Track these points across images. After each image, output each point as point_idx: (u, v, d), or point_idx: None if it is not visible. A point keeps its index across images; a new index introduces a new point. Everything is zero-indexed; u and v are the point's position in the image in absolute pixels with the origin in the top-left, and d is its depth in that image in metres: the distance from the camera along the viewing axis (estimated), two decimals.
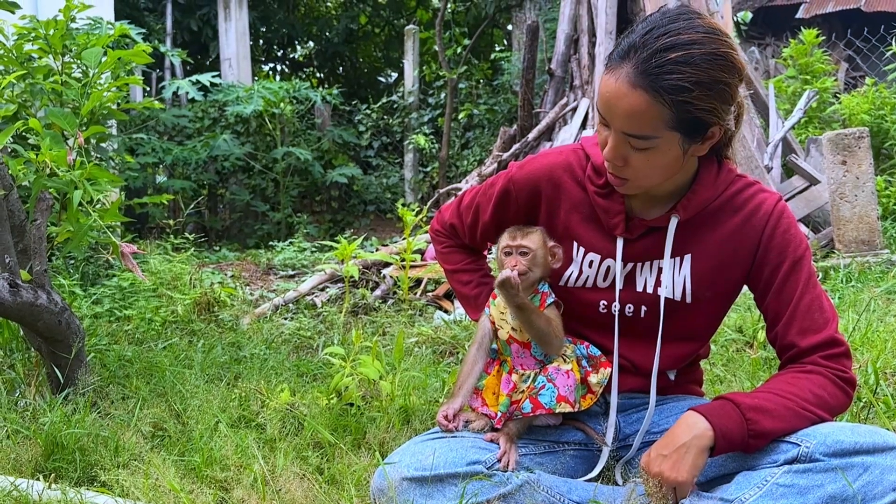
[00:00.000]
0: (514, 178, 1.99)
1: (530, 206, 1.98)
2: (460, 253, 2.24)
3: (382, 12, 17.31)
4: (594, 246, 1.92)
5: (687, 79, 1.55)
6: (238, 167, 9.73)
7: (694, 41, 1.56)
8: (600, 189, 1.88)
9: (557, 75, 7.43)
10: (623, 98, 1.59)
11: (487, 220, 2.07)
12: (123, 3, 11.07)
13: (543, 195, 1.95)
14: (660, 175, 1.73)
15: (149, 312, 4.03)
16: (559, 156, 1.99)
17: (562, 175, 1.94)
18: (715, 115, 1.62)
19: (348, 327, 4.31)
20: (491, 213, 2.04)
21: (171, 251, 5.18)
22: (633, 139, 1.63)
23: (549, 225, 1.95)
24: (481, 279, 2.21)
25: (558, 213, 1.95)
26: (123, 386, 3.05)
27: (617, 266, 1.90)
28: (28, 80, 4.72)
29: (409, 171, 10.70)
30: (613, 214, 1.87)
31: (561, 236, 1.94)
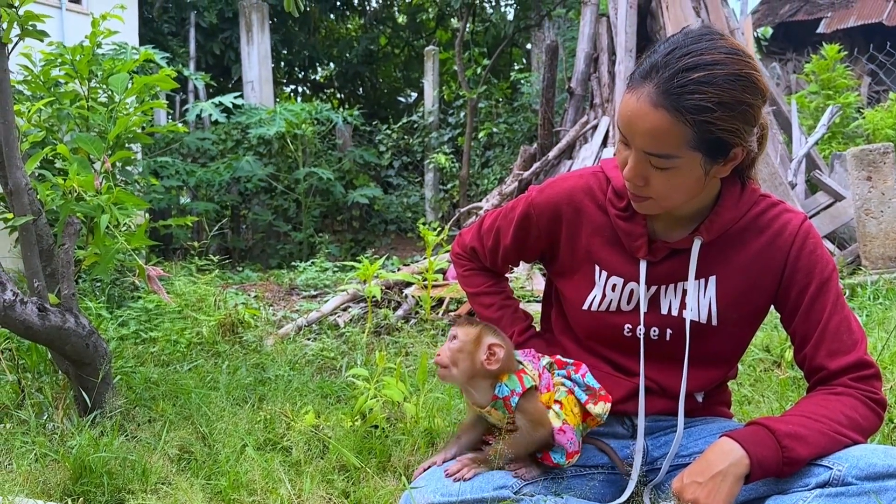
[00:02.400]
0: (534, 202, 1.99)
1: (551, 229, 1.97)
2: (482, 276, 2.23)
3: (402, 33, 17.46)
4: (617, 269, 1.91)
5: (709, 99, 1.54)
6: (260, 188, 9.82)
7: (717, 62, 1.55)
8: (622, 212, 1.87)
9: (577, 94, 7.44)
10: (644, 117, 1.58)
11: (508, 243, 2.06)
12: (147, 27, 11.26)
13: (564, 219, 1.95)
14: (681, 195, 1.71)
15: (174, 334, 4.06)
16: (579, 179, 1.98)
17: (582, 198, 1.93)
18: (737, 135, 1.61)
19: (371, 348, 4.31)
20: (512, 236, 2.04)
21: (196, 272, 5.22)
22: (655, 158, 1.63)
23: (570, 248, 1.95)
24: (503, 302, 2.20)
25: (580, 237, 1.94)
26: (149, 408, 3.07)
27: (641, 289, 1.89)
28: (55, 105, 4.82)
29: (430, 191, 10.74)
30: (636, 237, 1.86)
31: (583, 260, 1.93)
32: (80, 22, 7.09)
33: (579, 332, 2.02)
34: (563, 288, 2.02)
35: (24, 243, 2.95)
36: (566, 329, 2.08)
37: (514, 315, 2.18)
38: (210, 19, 11.86)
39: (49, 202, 3.05)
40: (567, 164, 6.91)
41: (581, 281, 1.95)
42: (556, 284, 2.07)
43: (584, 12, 7.42)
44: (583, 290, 1.93)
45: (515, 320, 2.16)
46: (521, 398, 1.73)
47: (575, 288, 1.97)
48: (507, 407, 1.73)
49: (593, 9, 7.36)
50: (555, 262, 2.02)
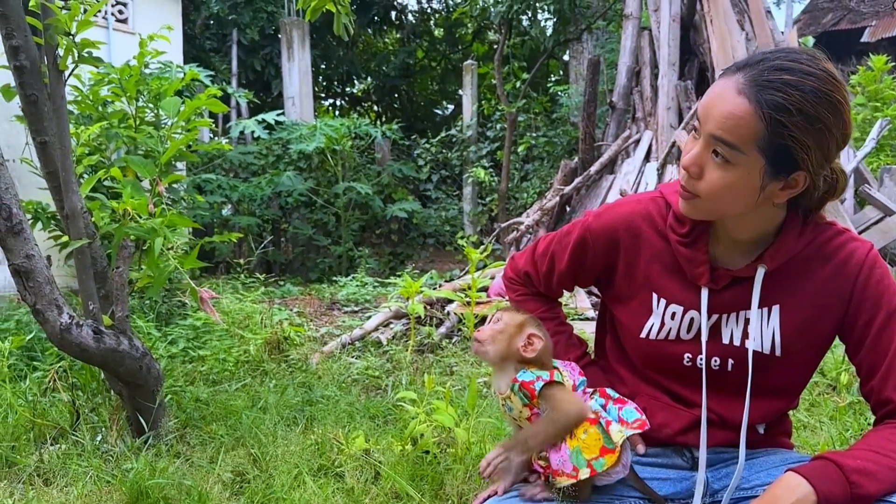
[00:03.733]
0: (590, 227, 1.97)
1: (607, 255, 1.94)
2: (535, 301, 2.20)
3: (439, 47, 17.54)
4: (676, 297, 1.87)
5: (792, 102, 1.52)
6: (300, 202, 9.91)
7: (811, 74, 1.53)
8: (683, 238, 1.84)
9: (619, 108, 7.38)
10: (725, 100, 1.57)
11: (563, 268, 2.03)
12: (190, 44, 11.46)
13: (622, 245, 1.92)
14: (730, 202, 1.67)
15: (222, 352, 4.11)
16: (638, 204, 1.95)
17: (641, 224, 1.90)
18: (806, 153, 1.57)
19: (416, 367, 4.31)
20: (567, 261, 2.01)
21: (242, 290, 5.27)
22: (720, 146, 1.59)
23: (627, 275, 1.92)
24: (557, 328, 2.17)
25: (638, 264, 1.91)
26: (200, 428, 3.10)
27: (702, 318, 1.85)
28: (103, 124, 4.92)
29: (468, 204, 10.74)
30: (697, 264, 1.82)
31: (640, 287, 1.90)
32: (126, 41, 7.25)
33: (636, 360, 1.98)
34: (620, 315, 1.99)
35: (79, 266, 3.01)
36: (622, 357, 2.05)
37: (569, 341, 2.15)
38: (252, 36, 12.03)
39: (103, 225, 3.11)
40: (609, 179, 6.85)
41: (638, 308, 1.92)
42: (612, 311, 2.04)
43: (626, 26, 7.37)
44: (640, 318, 1.90)
45: (570, 346, 2.13)
46: (546, 385, 1.68)
47: (632, 315, 1.94)
48: (529, 392, 1.66)
49: (635, 22, 7.31)
50: (611, 287, 1.99)
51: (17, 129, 5.74)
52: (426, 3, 17.81)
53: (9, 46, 2.84)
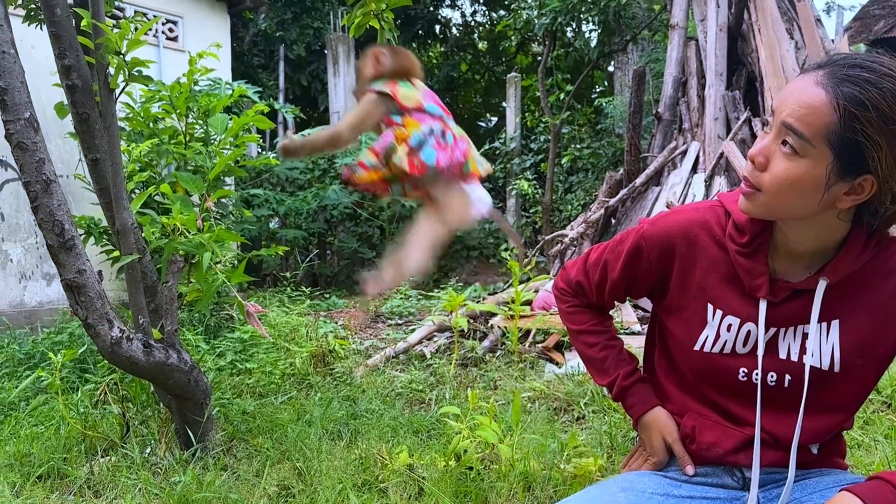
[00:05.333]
0: (645, 235, 1.92)
1: (662, 263, 1.90)
2: (586, 313, 2.16)
3: (482, 59, 17.58)
4: (733, 308, 1.82)
5: (868, 97, 1.49)
6: (346, 215, 9.99)
7: (890, 76, 1.51)
8: (742, 248, 1.79)
9: (665, 119, 7.28)
10: (802, 91, 1.55)
11: (616, 277, 1.99)
12: (238, 60, 11.68)
13: (677, 253, 1.87)
14: (792, 198, 1.62)
15: (268, 365, 4.15)
16: (695, 213, 1.91)
17: (698, 233, 1.86)
18: (877, 153, 1.52)
19: (459, 381, 4.29)
20: (620, 270, 1.97)
21: (288, 303, 5.32)
22: (791, 135, 1.56)
23: (682, 284, 1.87)
24: (607, 342, 2.13)
25: (693, 273, 1.86)
26: (246, 441, 3.12)
27: (760, 331, 1.79)
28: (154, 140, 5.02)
29: (512, 216, 10.70)
30: (756, 275, 1.77)
31: (695, 297, 1.85)
32: (176, 58, 7.42)
33: (688, 374, 1.94)
34: (673, 326, 1.95)
35: (129, 280, 3.07)
36: (671, 372, 2.00)
37: (619, 356, 2.11)
38: (299, 52, 12.21)
39: (153, 240, 3.17)
40: (655, 191, 6.75)
41: (692, 319, 1.87)
42: (665, 322, 1.99)
43: (672, 36, 7.29)
44: (694, 330, 1.85)
45: (620, 362, 2.09)
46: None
47: (685, 326, 1.89)
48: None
49: (681, 32, 7.21)
50: (664, 297, 1.95)
51: (71, 145, 5.92)
52: (470, 17, 17.91)
53: (61, 66, 2.93)
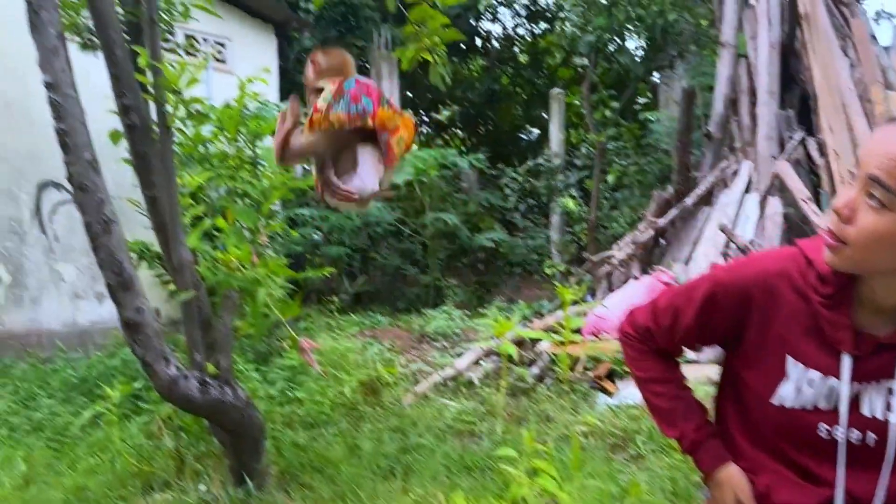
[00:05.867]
0: (721, 282, 1.85)
1: (738, 313, 1.83)
2: (653, 360, 2.08)
3: (523, 72, 17.53)
4: (814, 362, 1.75)
5: None
6: (389, 232, 10.01)
7: None
8: (826, 299, 1.71)
9: (715, 137, 7.14)
10: (889, 143, 1.48)
11: (689, 323, 1.92)
12: (284, 79, 11.80)
13: (755, 303, 1.80)
14: (879, 252, 1.55)
15: (318, 394, 4.14)
16: (774, 262, 1.84)
17: (778, 282, 1.79)
18: None
19: (509, 411, 4.23)
20: (693, 318, 1.90)
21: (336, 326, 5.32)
22: (877, 187, 1.49)
23: (759, 335, 1.80)
24: (677, 392, 2.05)
25: (772, 324, 1.79)
26: (298, 476, 3.11)
27: (843, 387, 1.72)
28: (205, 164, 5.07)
29: (556, 233, 10.61)
30: (840, 328, 1.70)
31: (774, 349, 1.78)
32: (225, 80, 7.51)
33: (764, 430, 1.86)
34: (748, 378, 1.87)
35: (185, 316, 3.09)
36: (743, 426, 1.92)
37: (689, 407, 2.03)
38: None
39: (209, 276, 3.18)
40: (705, 212, 6.62)
41: (770, 372, 1.80)
42: (739, 373, 1.92)
43: (722, 54, 7.15)
44: (772, 383, 1.77)
45: (690, 414, 2.01)
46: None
47: (762, 379, 1.82)
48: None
49: (731, 50, 7.08)
50: (739, 348, 1.87)
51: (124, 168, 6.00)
52: (511, 30, 17.87)
53: (121, 105, 2.96)
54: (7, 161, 6.08)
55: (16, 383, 4.73)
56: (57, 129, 2.72)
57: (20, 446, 3.68)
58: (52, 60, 2.72)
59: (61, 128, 2.72)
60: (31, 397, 4.45)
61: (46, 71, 2.72)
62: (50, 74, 2.71)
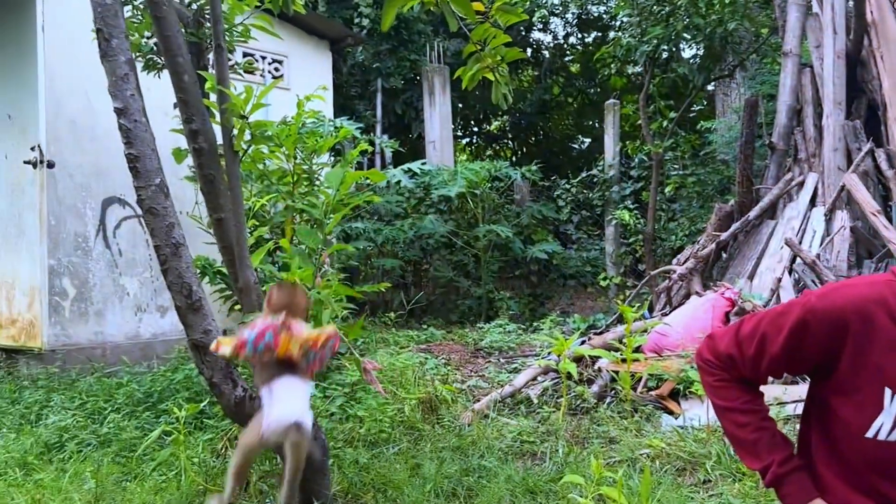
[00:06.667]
0: (813, 309, 1.76)
1: (832, 341, 1.74)
2: (735, 388, 1.98)
3: (575, 82, 17.40)
4: None
5: None
6: (441, 244, 10.01)
7: None
8: None
9: (779, 149, 6.96)
10: None
11: (776, 352, 1.83)
12: (337, 93, 11.93)
13: (850, 331, 1.71)
14: None
15: (377, 412, 4.14)
16: (870, 287, 1.74)
17: (875, 310, 1.69)
18: None
19: (570, 432, 4.16)
20: (782, 345, 1.81)
21: (392, 344, 5.32)
22: None
23: (854, 365, 1.71)
24: (760, 423, 1.95)
25: (869, 353, 1.70)
26: (361, 496, 3.10)
27: None
28: (264, 181, 5.13)
29: (611, 245, 10.47)
30: None
31: (870, 380, 1.69)
32: (282, 96, 7.60)
33: (856, 464, 1.77)
34: (840, 409, 1.78)
35: None
36: (832, 458, 1.83)
37: (773, 439, 1.94)
38: (395, 84, 12.38)
39: None
40: (770, 225, 6.45)
41: (865, 403, 1.71)
42: (830, 404, 1.82)
43: (785, 63, 6.98)
44: (867, 415, 1.69)
45: (775, 446, 1.92)
46: None
47: (856, 411, 1.73)
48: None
49: (795, 59, 6.90)
50: (830, 378, 1.78)
51: (184, 185, 6.12)
52: (562, 40, 17.77)
53: (189, 130, 3.00)
54: (72, 178, 6.25)
55: (82, 397, 4.83)
56: (127, 154, 2.77)
57: (88, 461, 3.75)
58: (122, 87, 2.78)
59: (131, 153, 2.77)
60: (97, 411, 4.53)
61: (116, 97, 2.77)
62: (120, 101, 2.77)
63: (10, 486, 3.43)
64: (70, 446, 4.00)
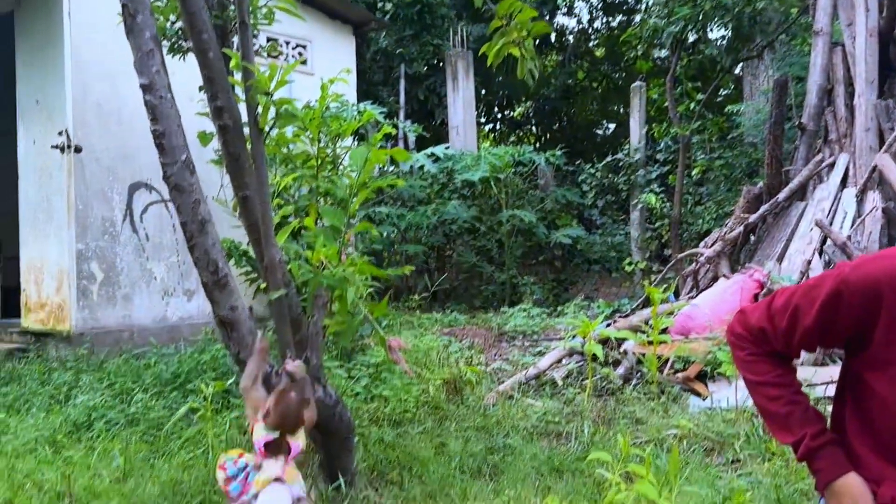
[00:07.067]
0: (847, 280, 1.73)
1: (866, 313, 1.70)
2: (767, 362, 1.95)
3: (600, 66, 17.25)
4: None
5: None
6: (464, 229, 9.99)
7: None
8: None
9: (809, 129, 6.82)
10: None
11: (809, 324, 1.80)
12: (360, 79, 11.92)
13: (885, 303, 1.67)
14: None
15: (402, 392, 4.14)
16: None
17: None
18: None
19: (596, 412, 4.14)
20: (815, 317, 1.77)
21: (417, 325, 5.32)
22: None
23: (888, 338, 1.67)
24: (792, 397, 1.92)
25: None
26: (387, 473, 3.10)
27: None
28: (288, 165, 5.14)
29: (636, 230, 10.37)
30: None
31: None
32: (306, 81, 7.60)
33: (891, 437, 1.73)
34: (874, 383, 1.74)
35: (276, 314, 3.11)
36: (866, 433, 1.79)
37: (806, 413, 1.90)
38: (418, 69, 12.35)
39: (298, 274, 3.20)
40: (799, 207, 6.34)
41: None
42: (864, 377, 1.79)
43: (816, 42, 6.83)
44: None
45: (807, 419, 1.89)
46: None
47: (890, 385, 1.69)
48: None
49: (825, 38, 6.75)
50: (864, 351, 1.75)
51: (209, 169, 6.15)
52: (587, 24, 17.62)
53: (214, 107, 2.99)
54: (99, 162, 6.30)
55: (111, 378, 4.89)
56: (153, 130, 2.78)
57: (117, 440, 3.79)
58: (147, 63, 2.78)
59: (157, 129, 2.77)
60: (125, 392, 4.58)
61: (142, 73, 2.77)
62: (146, 76, 2.77)
63: (40, 463, 3.47)
64: (98, 425, 4.04)
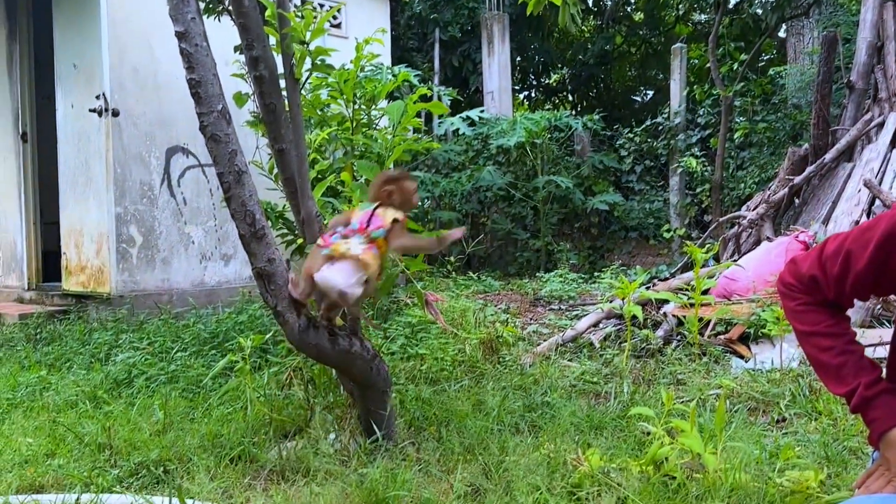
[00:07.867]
0: None
1: None
2: (819, 312, 1.89)
3: (639, 31, 16.86)
4: None
5: None
6: (499, 196, 9.90)
7: None
8: None
9: (858, 88, 6.59)
10: None
11: (862, 269, 1.72)
12: (394, 45, 11.82)
13: None
14: None
15: (438, 351, 4.11)
16: None
17: None
18: None
19: (635, 373, 4.07)
20: (868, 260, 1.70)
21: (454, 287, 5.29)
22: None
23: None
24: (846, 346, 1.86)
25: None
26: (424, 429, 3.09)
27: None
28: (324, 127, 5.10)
29: (675, 196, 10.17)
30: None
31: None
32: (339, 44, 7.52)
33: None
34: None
35: None
36: None
37: (860, 363, 1.85)
38: (453, 33, 12.19)
39: None
40: (846, 168, 6.14)
41: None
42: None
43: None
44: None
45: (861, 369, 1.83)
46: None
47: None
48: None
49: None
50: None
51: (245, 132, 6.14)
52: None
53: (249, 57, 2.95)
54: (137, 126, 6.33)
55: (150, 337, 4.94)
56: (189, 79, 2.74)
57: (157, 395, 3.83)
58: (183, 10, 2.74)
59: (193, 78, 2.73)
60: (165, 351, 4.63)
61: (177, 21, 2.73)
62: (181, 24, 2.73)
63: (81, 417, 3.53)
64: (138, 382, 4.09)
